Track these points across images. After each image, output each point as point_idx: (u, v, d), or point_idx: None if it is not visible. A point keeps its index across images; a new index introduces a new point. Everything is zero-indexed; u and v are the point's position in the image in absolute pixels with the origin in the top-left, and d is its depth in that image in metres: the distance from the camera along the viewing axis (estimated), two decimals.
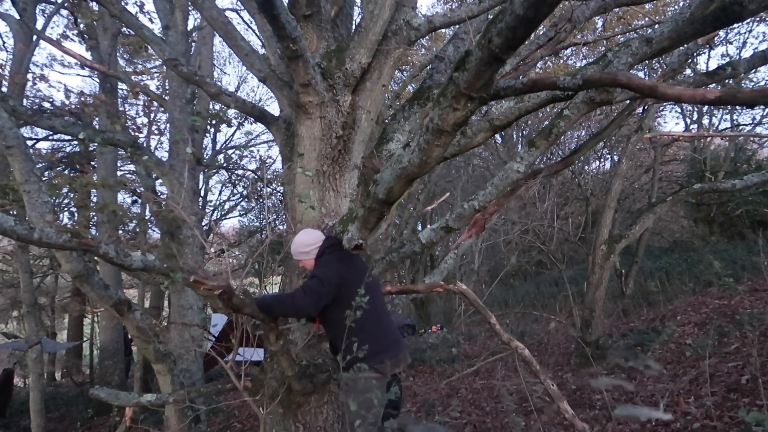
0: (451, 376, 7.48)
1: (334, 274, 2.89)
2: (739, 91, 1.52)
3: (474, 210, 3.34)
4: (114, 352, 11.20)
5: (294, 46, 2.97)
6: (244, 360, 3.10)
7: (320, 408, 3.40)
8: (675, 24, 2.42)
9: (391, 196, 2.41)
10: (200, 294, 2.60)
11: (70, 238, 2.32)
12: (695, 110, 14.01)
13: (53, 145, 12.59)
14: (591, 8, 3.79)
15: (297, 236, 3.15)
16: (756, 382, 4.07)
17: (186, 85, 7.07)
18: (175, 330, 6.80)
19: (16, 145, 3.55)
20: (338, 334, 2.84)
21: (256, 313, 2.76)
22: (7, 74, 9.09)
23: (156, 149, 14.89)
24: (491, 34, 1.54)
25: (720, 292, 8.30)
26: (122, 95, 12.26)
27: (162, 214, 6.75)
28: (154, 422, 6.41)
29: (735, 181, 5.06)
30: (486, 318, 3.50)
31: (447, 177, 15.36)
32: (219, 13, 3.96)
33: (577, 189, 13.02)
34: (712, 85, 3.56)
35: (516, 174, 3.28)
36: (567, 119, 3.09)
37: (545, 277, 16.01)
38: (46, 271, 14.68)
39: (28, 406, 7.65)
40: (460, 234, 3.96)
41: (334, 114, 3.51)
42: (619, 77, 1.69)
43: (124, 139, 5.85)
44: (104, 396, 3.63)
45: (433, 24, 3.76)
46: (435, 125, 1.91)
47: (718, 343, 5.56)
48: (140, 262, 2.48)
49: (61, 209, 11.87)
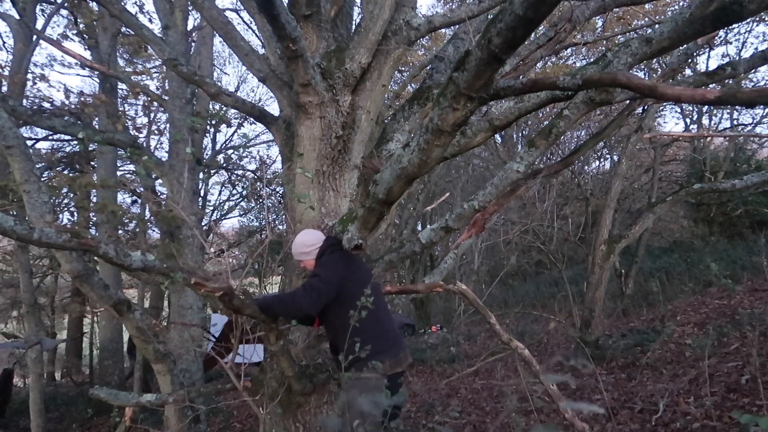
0: (450, 376, 7.48)
1: (334, 274, 2.89)
2: (739, 91, 1.52)
3: (474, 210, 3.34)
4: (114, 352, 11.20)
5: (294, 46, 2.97)
6: (243, 360, 3.10)
7: (320, 408, 3.40)
8: (675, 24, 2.42)
9: (391, 196, 2.41)
10: (201, 295, 2.61)
11: (70, 238, 2.32)
12: (695, 110, 14.03)
13: (53, 145, 12.60)
14: (591, 8, 3.79)
15: (298, 236, 3.15)
16: (756, 382, 4.08)
17: (186, 85, 7.07)
18: (175, 330, 6.81)
19: (15, 145, 3.55)
20: (338, 333, 2.85)
21: (256, 314, 2.76)
22: (7, 74, 9.10)
23: (156, 149, 14.89)
24: (491, 34, 1.55)
25: (719, 292, 8.31)
26: (122, 95, 12.26)
27: (162, 214, 6.75)
28: (154, 422, 6.41)
29: (735, 181, 5.07)
30: (486, 318, 3.50)
31: (447, 177, 15.37)
32: (219, 13, 3.96)
33: (577, 189, 13.02)
34: (712, 85, 3.56)
35: (516, 174, 3.28)
36: (567, 119, 3.09)
37: (545, 277, 16.01)
38: (46, 271, 14.67)
39: (28, 406, 7.64)
40: (459, 234, 3.96)
41: (333, 114, 3.51)
42: (618, 77, 1.69)
43: (123, 139, 5.84)
44: (104, 396, 3.64)
45: (432, 24, 3.76)
46: (435, 125, 1.91)
47: (718, 343, 5.56)
48: (140, 262, 2.48)
49: (61, 209, 11.86)
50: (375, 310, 2.76)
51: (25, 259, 8.08)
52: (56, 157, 11.82)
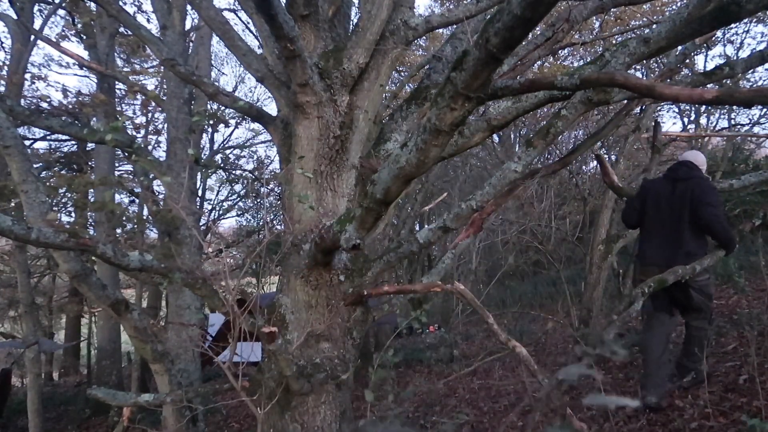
0: (448, 376, 7.48)
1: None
2: (737, 90, 1.52)
3: (472, 210, 3.34)
4: (111, 352, 11.19)
5: (291, 46, 2.97)
6: (241, 360, 3.09)
7: (318, 408, 3.39)
8: (672, 24, 2.42)
9: (389, 196, 2.41)
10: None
11: (68, 238, 2.32)
12: (693, 110, 14.05)
13: (51, 145, 12.59)
14: (589, 8, 3.80)
15: (699, 154, 4.45)
16: (753, 382, 4.08)
17: (184, 85, 7.06)
18: (173, 330, 6.80)
19: (13, 145, 3.54)
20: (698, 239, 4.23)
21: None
22: (5, 74, 9.08)
23: (154, 149, 14.88)
24: (489, 34, 1.55)
25: (718, 291, 8.31)
26: (120, 95, 12.25)
27: (160, 213, 6.74)
28: (152, 422, 6.40)
29: (732, 181, 5.06)
30: (484, 318, 3.50)
31: (444, 177, 15.35)
32: (217, 13, 3.96)
33: (575, 189, 13.01)
34: (710, 84, 3.56)
35: (513, 174, 3.28)
36: (564, 119, 3.09)
37: (543, 277, 16.01)
38: (44, 271, 14.66)
39: (26, 406, 7.63)
40: (457, 234, 3.96)
41: (331, 114, 3.51)
42: (616, 77, 1.69)
43: (122, 139, 5.83)
44: (102, 396, 3.63)
45: (430, 24, 3.76)
46: (432, 125, 1.91)
47: (716, 343, 5.57)
48: (138, 262, 2.48)
49: (59, 209, 11.85)
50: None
51: (22, 258, 8.08)
52: (54, 157, 11.81)
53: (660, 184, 4.46)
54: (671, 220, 4.26)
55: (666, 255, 4.21)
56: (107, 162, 10.57)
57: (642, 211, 4.49)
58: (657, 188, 4.43)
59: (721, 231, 4.10)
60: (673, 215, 4.25)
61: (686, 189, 4.22)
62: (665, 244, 4.28)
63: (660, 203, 4.34)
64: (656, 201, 4.37)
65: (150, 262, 2.51)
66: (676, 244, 4.21)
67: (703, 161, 4.49)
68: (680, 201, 4.21)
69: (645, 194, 4.49)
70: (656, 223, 4.37)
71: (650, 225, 4.43)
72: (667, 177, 4.42)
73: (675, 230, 4.23)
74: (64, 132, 6.07)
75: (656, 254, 4.33)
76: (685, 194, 4.20)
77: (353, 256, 3.44)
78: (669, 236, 4.26)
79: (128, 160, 11.31)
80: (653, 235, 4.39)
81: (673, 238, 4.24)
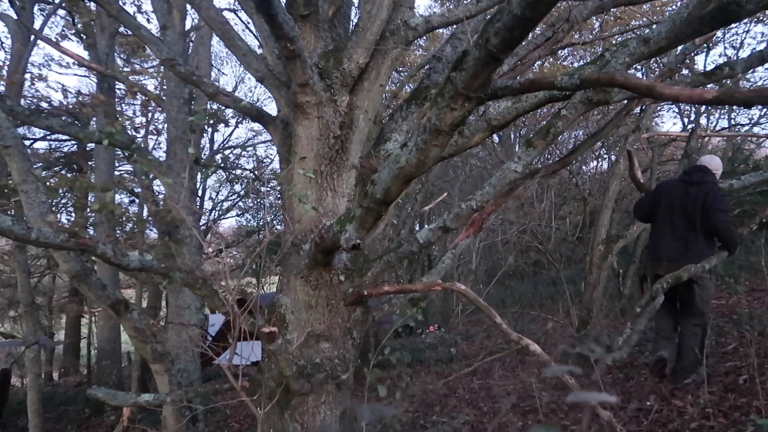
0: (448, 376, 7.48)
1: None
2: (737, 91, 1.53)
3: (472, 210, 3.34)
4: (111, 352, 11.18)
5: (291, 46, 2.97)
6: (241, 360, 3.09)
7: (318, 408, 3.39)
8: (672, 24, 2.42)
9: (389, 196, 2.41)
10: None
11: (68, 238, 2.32)
12: (693, 110, 14.03)
13: (51, 145, 12.59)
14: (589, 8, 3.79)
15: (715, 159, 4.65)
16: (753, 382, 4.08)
17: (184, 85, 7.05)
18: (173, 330, 6.79)
19: (13, 145, 3.54)
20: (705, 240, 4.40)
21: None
22: (5, 74, 9.08)
23: (154, 149, 14.89)
24: (489, 34, 1.55)
25: (718, 291, 8.31)
26: (120, 95, 12.24)
27: (160, 213, 6.74)
28: (152, 422, 6.41)
29: (732, 181, 5.06)
30: (490, 317, 3.47)
31: (444, 177, 15.35)
32: (217, 13, 3.96)
33: (575, 189, 13.01)
34: (710, 84, 3.57)
35: (513, 174, 3.28)
36: (564, 119, 3.09)
37: (543, 277, 16.00)
38: (44, 271, 14.66)
39: (26, 405, 7.64)
40: (457, 234, 3.96)
41: (331, 114, 3.51)
42: (616, 77, 1.69)
43: (122, 139, 5.83)
44: (102, 396, 3.63)
45: (430, 24, 3.76)
46: (432, 125, 1.91)
47: (716, 343, 5.57)
48: (138, 262, 2.48)
49: (59, 209, 11.85)
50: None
51: (22, 258, 8.08)
52: (54, 157, 11.81)
53: (674, 185, 4.68)
54: (682, 220, 4.49)
55: (676, 252, 4.47)
56: (107, 162, 10.57)
57: (653, 208, 4.74)
58: (671, 189, 4.66)
59: (729, 237, 4.34)
60: (685, 216, 4.47)
61: (698, 193, 4.43)
62: (676, 242, 4.51)
63: (673, 204, 4.56)
64: (669, 201, 4.59)
65: (150, 262, 2.51)
66: (686, 244, 4.45)
67: (717, 166, 4.67)
68: (692, 204, 4.43)
69: (659, 194, 4.74)
70: (668, 222, 4.59)
71: (662, 223, 4.65)
72: (682, 179, 4.65)
73: (685, 230, 4.47)
74: (64, 132, 6.07)
75: (666, 250, 4.56)
76: (698, 198, 4.41)
77: (353, 256, 3.44)
78: (680, 235, 4.49)
79: (128, 160, 11.31)
80: (665, 233, 4.62)
81: (683, 237, 4.47)
